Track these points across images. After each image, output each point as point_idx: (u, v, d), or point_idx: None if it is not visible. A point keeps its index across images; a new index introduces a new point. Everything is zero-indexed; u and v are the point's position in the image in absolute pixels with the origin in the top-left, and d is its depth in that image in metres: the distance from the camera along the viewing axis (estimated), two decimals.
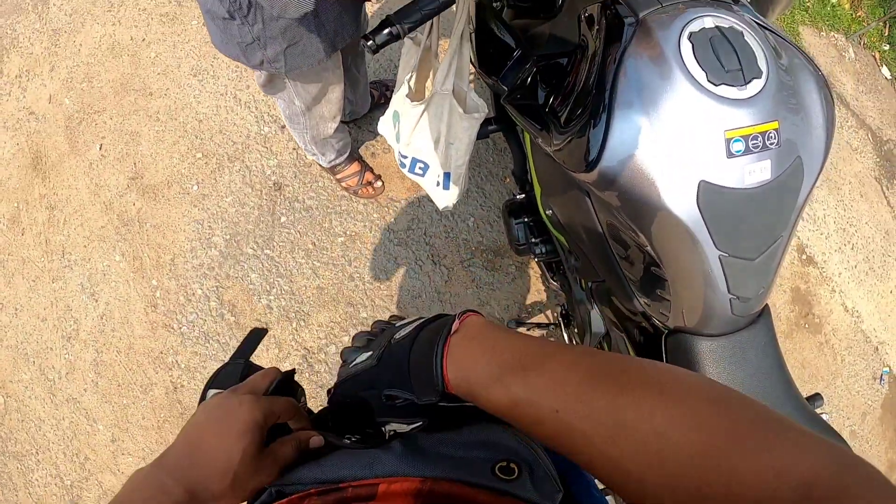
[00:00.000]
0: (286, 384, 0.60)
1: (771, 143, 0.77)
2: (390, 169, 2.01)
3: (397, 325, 0.58)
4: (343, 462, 0.50)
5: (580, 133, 0.83)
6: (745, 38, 0.78)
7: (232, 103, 2.13)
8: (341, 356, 0.58)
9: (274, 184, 2.00)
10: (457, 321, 0.50)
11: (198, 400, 0.57)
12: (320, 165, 1.88)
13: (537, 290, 1.99)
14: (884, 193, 2.66)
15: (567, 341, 1.61)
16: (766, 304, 0.94)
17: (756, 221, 0.81)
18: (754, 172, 0.78)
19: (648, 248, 0.87)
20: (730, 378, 0.90)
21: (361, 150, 2.02)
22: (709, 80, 0.75)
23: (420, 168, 1.42)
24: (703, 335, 0.92)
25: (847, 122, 2.77)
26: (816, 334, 2.27)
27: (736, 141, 0.76)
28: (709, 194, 0.77)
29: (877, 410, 2.29)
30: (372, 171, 1.96)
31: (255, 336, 0.66)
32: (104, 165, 2.11)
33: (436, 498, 0.45)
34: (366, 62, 1.81)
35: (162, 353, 1.87)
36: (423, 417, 0.53)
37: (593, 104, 0.81)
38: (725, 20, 0.79)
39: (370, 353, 0.54)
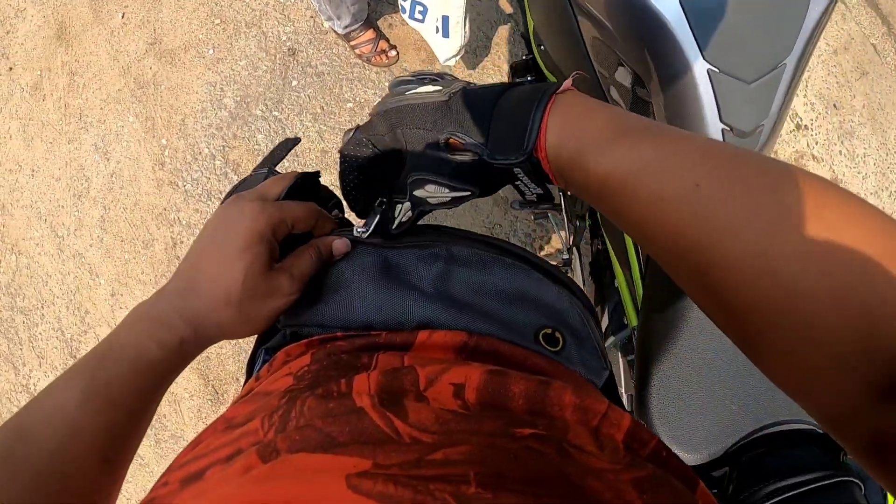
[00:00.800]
0: (309, 188, 0.50)
1: None
2: (406, 40, 1.98)
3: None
4: (374, 303, 0.43)
5: None
6: None
7: None
8: (390, 87, 0.45)
9: (288, 49, 1.99)
10: (565, 83, 0.39)
11: None
12: (336, 32, 1.86)
13: None
14: None
15: (564, 218, 1.52)
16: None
17: (752, 35, 0.74)
18: None
19: (632, 63, 0.81)
20: None
21: (379, 22, 2.00)
22: None
23: (419, 12, 1.40)
24: None
25: None
26: None
27: None
28: None
29: None
30: (387, 40, 1.94)
31: (285, 145, 0.56)
32: (125, 32, 2.14)
33: (481, 355, 0.39)
34: None
35: (165, 209, 1.89)
36: (473, 187, 0.42)
37: None
38: None
39: (438, 87, 0.42)
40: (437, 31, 1.43)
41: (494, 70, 2.00)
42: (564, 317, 0.44)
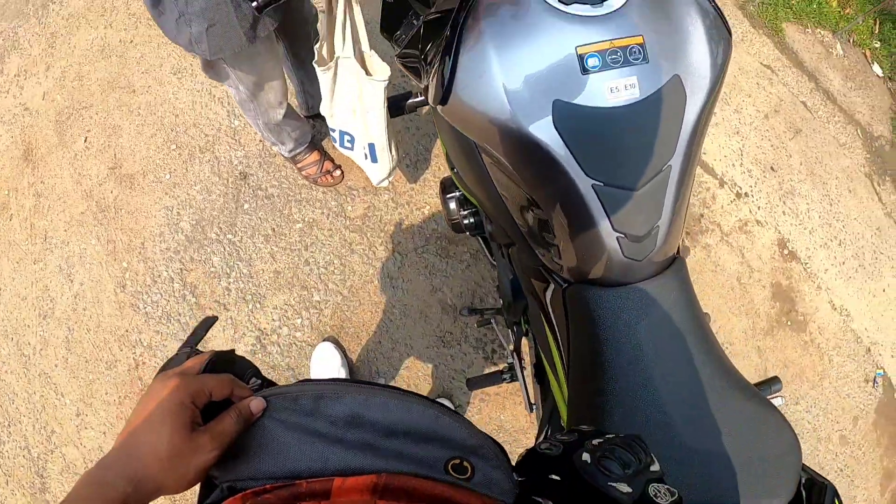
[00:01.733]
0: (225, 363, 0.58)
1: (635, 59, 0.74)
2: (350, 159, 2.13)
3: (651, 469, 0.54)
4: (296, 455, 0.50)
5: (438, 68, 0.83)
6: None
7: (207, 99, 2.29)
8: (599, 461, 0.53)
9: (240, 173, 2.14)
10: None
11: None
12: (282, 155, 2.01)
13: (491, 277, 2.08)
14: (875, 189, 2.63)
15: (505, 322, 1.60)
16: (679, 256, 0.89)
17: (632, 145, 0.76)
18: (618, 89, 0.74)
19: (524, 186, 0.84)
20: (633, 334, 0.83)
21: (324, 142, 2.15)
22: (560, 1, 0.74)
23: (348, 141, 1.51)
24: (602, 284, 0.85)
25: (834, 117, 2.77)
26: (801, 332, 2.26)
27: (591, 56, 0.73)
28: (567, 114, 0.74)
29: (870, 415, 2.25)
30: (332, 160, 2.08)
31: (204, 324, 0.65)
32: (87, 156, 2.27)
33: (393, 492, 0.46)
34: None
35: (127, 331, 2.00)
36: None
37: (447, 39, 0.81)
38: None
39: (628, 488, 0.51)
40: (366, 157, 1.54)
41: (434, 182, 2.15)
42: (473, 446, 0.52)
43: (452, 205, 1.41)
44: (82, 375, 2.03)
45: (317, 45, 1.36)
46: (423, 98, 1.46)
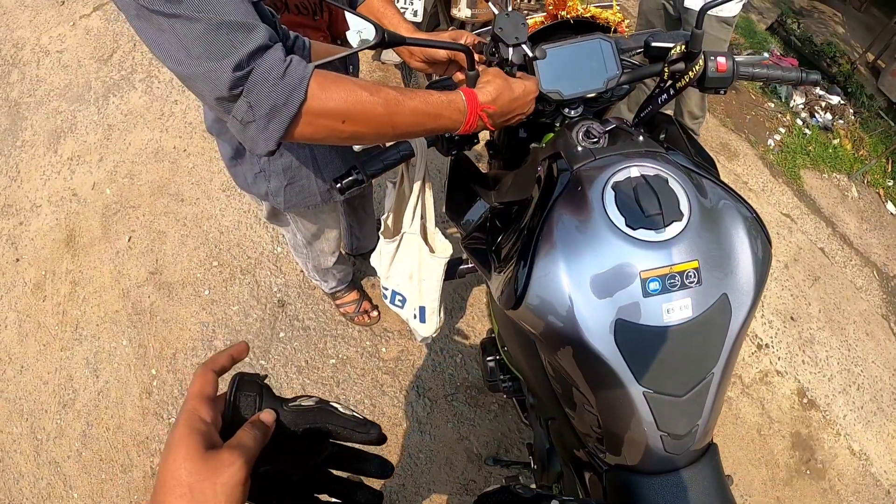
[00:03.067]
0: (250, 385, 0.58)
1: (690, 282, 0.81)
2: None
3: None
4: None
5: (510, 273, 0.91)
6: (670, 183, 0.85)
7: (252, 221, 2.50)
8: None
9: (278, 301, 2.33)
10: None
11: None
12: (322, 290, 2.21)
13: (518, 429, 2.24)
14: (891, 330, 2.82)
15: (533, 480, 1.65)
16: (713, 442, 0.95)
17: (680, 358, 0.83)
18: (673, 310, 0.81)
19: (579, 385, 0.91)
20: None
21: (363, 281, 2.37)
22: (627, 225, 0.82)
23: (399, 300, 1.66)
24: (642, 473, 0.92)
25: (850, 261, 3.02)
26: (820, 480, 2.33)
27: (652, 281, 0.80)
28: (626, 332, 0.80)
29: None
30: (370, 300, 2.29)
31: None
32: (129, 256, 2.44)
33: None
34: (372, 204, 2.17)
35: (147, 438, 2.13)
36: None
37: (522, 247, 0.89)
38: (652, 168, 0.87)
39: None
40: (415, 317, 1.70)
41: (468, 330, 2.36)
42: None
43: (492, 367, 1.56)
44: (95, 473, 2.14)
45: (384, 217, 1.54)
46: (472, 266, 1.66)
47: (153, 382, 2.22)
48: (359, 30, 1.05)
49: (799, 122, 3.88)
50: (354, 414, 0.57)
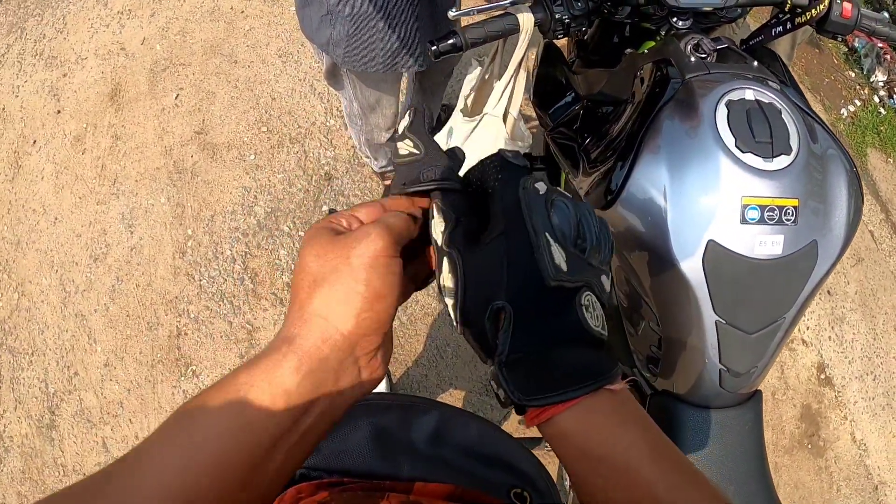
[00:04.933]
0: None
1: (787, 219, 0.80)
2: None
3: (600, 277, 0.44)
4: (373, 457, 0.54)
5: (606, 171, 0.90)
6: (783, 115, 0.83)
7: (307, 90, 2.34)
8: (550, 200, 0.43)
9: (325, 173, 2.18)
10: (618, 385, 0.40)
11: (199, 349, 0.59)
12: (372, 168, 2.05)
13: None
14: None
15: None
16: (759, 390, 0.95)
17: (759, 295, 0.83)
18: (765, 244, 0.80)
19: (650, 300, 0.90)
20: (705, 455, 0.89)
21: None
22: (736, 146, 0.80)
23: None
24: (688, 403, 0.92)
25: None
26: (818, 458, 2.31)
27: (752, 209, 0.79)
28: (716, 255, 0.80)
29: None
30: None
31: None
32: (175, 114, 2.31)
33: (465, 502, 0.51)
34: (443, 92, 1.99)
35: (177, 298, 2.03)
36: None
37: (623, 148, 0.88)
38: (767, 96, 0.84)
39: (563, 263, 0.41)
40: None
41: None
42: (532, 479, 0.58)
43: None
44: (120, 328, 2.06)
45: (464, 94, 1.41)
46: (544, 167, 1.54)
47: (188, 243, 2.11)
48: None
49: (876, 98, 3.62)
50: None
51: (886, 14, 3.78)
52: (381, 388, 1.90)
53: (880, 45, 3.61)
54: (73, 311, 2.11)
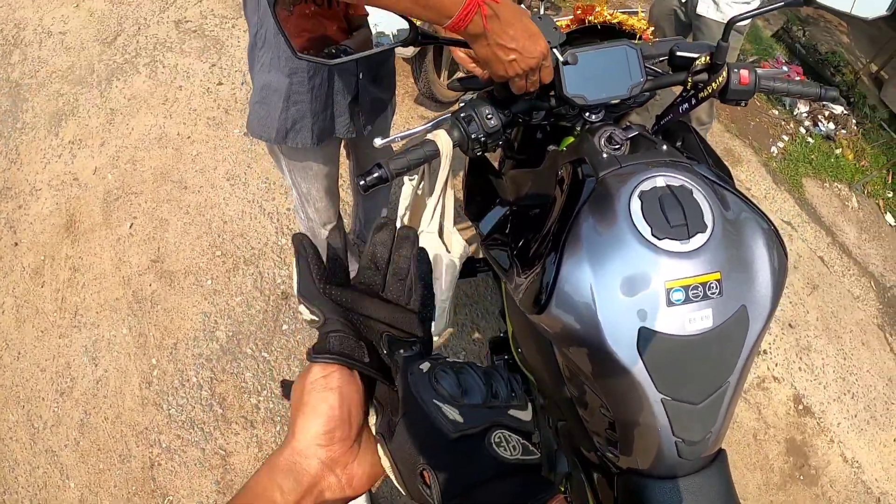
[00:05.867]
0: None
1: (712, 293, 0.83)
2: None
3: (507, 413, 0.51)
4: None
5: (535, 278, 0.93)
6: (694, 195, 0.87)
7: (256, 211, 2.48)
8: (433, 376, 0.51)
9: (282, 293, 2.31)
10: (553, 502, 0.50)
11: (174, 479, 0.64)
12: None
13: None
14: (887, 340, 2.88)
15: None
16: (722, 449, 0.97)
17: (699, 367, 0.85)
18: (695, 320, 0.83)
19: (596, 389, 0.93)
20: None
21: None
22: (653, 235, 0.83)
23: None
24: (653, 477, 0.93)
25: (849, 270, 3.08)
26: (813, 486, 2.37)
27: (676, 291, 0.82)
28: (649, 340, 0.82)
29: None
30: None
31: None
32: (131, 243, 2.42)
33: None
34: (387, 192, 2.15)
35: (147, 428, 2.11)
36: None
37: (548, 252, 0.91)
38: (677, 179, 0.88)
39: (457, 418, 0.48)
40: None
41: (472, 327, 2.36)
42: None
43: (500, 366, 1.57)
44: (92, 462, 2.12)
45: (400, 214, 1.53)
46: (487, 267, 1.66)
47: (153, 372, 2.20)
48: (391, 27, 1.04)
49: (802, 130, 3.93)
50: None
51: (784, 67, 4.13)
52: (363, 501, 2.00)
53: (797, 77, 3.91)
54: (43, 447, 2.16)
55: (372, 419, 0.55)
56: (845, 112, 4.19)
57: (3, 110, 2.83)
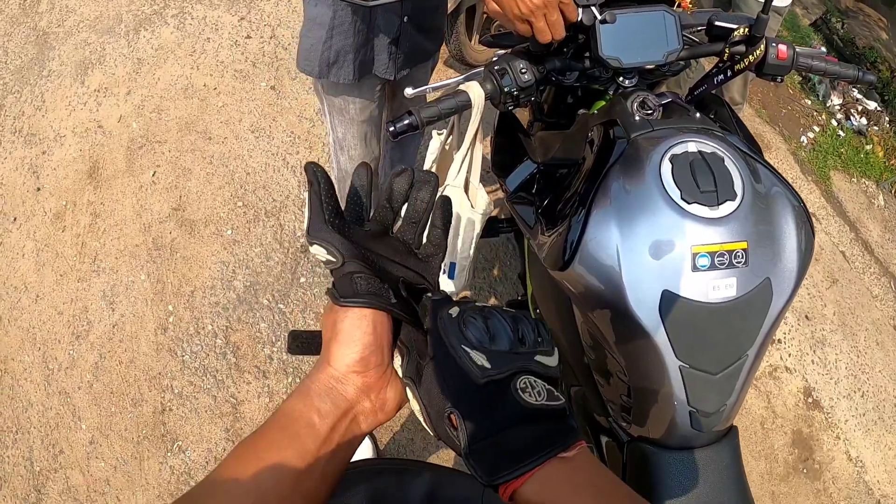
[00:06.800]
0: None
1: (738, 262, 0.83)
2: None
3: (533, 359, 0.51)
4: None
5: (560, 235, 0.93)
6: (726, 163, 0.87)
7: (280, 164, 2.43)
8: (462, 321, 0.51)
9: (301, 245, 2.27)
10: (572, 450, 0.47)
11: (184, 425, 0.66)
12: None
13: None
14: None
15: None
16: (734, 425, 0.97)
17: (719, 336, 0.85)
18: (719, 288, 0.83)
19: (615, 352, 0.93)
20: (688, 495, 0.90)
21: None
22: (682, 199, 0.83)
23: None
24: (664, 447, 0.93)
25: (870, 268, 2.99)
26: (815, 481, 2.33)
27: (702, 256, 0.82)
28: (671, 304, 0.82)
29: None
30: None
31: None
32: (153, 191, 2.38)
33: None
34: (417, 149, 2.11)
35: (160, 374, 2.08)
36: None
37: (575, 210, 0.91)
38: (709, 146, 0.88)
39: (485, 363, 0.48)
40: (444, 272, 1.66)
41: (491, 290, 2.30)
42: None
43: None
44: (104, 405, 2.09)
45: (426, 167, 1.49)
46: (507, 225, 1.62)
47: (169, 319, 2.17)
48: None
49: (834, 122, 3.81)
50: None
51: (823, 48, 4.02)
52: (368, 453, 1.96)
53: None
54: (57, 388, 2.14)
55: (397, 361, 0.55)
56: (879, 109, 4.04)
57: (29, 58, 2.81)
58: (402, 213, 0.60)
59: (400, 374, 0.54)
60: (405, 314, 0.54)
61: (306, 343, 0.61)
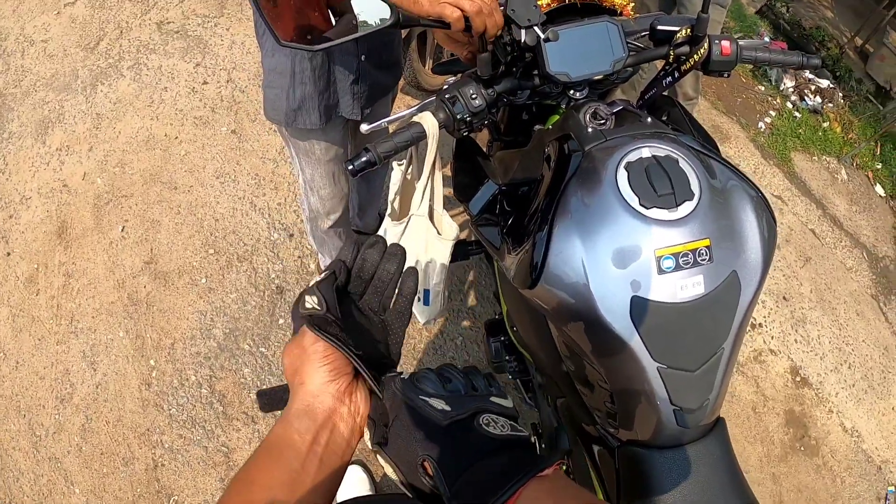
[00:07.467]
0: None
1: (703, 260, 0.84)
2: None
3: (489, 399, 0.55)
4: None
5: (526, 253, 0.94)
6: (680, 164, 0.88)
7: (248, 208, 2.44)
8: (415, 379, 0.56)
9: (276, 287, 2.28)
10: (549, 469, 0.49)
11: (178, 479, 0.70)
12: (321, 266, 2.15)
13: (519, 410, 2.22)
14: (881, 310, 2.89)
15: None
16: (721, 417, 0.98)
17: (693, 334, 0.87)
18: (686, 287, 0.84)
19: (594, 362, 0.94)
20: (683, 492, 0.90)
21: None
22: (641, 205, 0.84)
23: None
24: (653, 447, 0.94)
25: (841, 242, 3.08)
26: (813, 457, 2.39)
27: (666, 258, 0.83)
28: (642, 309, 0.83)
29: None
30: None
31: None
32: (123, 246, 2.38)
33: None
34: (383, 182, 2.12)
35: (148, 430, 2.08)
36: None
37: (538, 227, 0.92)
38: (662, 149, 0.89)
39: (445, 407, 0.52)
40: (419, 300, 1.68)
41: (466, 313, 2.34)
42: None
43: (496, 349, 1.59)
44: (96, 467, 2.09)
45: (390, 199, 1.51)
46: (477, 248, 1.65)
47: (152, 373, 2.17)
48: (374, 12, 1.01)
49: (789, 105, 3.91)
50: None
51: (767, 38, 4.13)
52: (366, 488, 1.98)
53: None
54: (46, 454, 2.13)
55: (367, 435, 0.58)
56: (831, 86, 4.16)
57: None
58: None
59: (370, 447, 0.57)
60: (366, 369, 0.57)
61: (276, 398, 0.64)
